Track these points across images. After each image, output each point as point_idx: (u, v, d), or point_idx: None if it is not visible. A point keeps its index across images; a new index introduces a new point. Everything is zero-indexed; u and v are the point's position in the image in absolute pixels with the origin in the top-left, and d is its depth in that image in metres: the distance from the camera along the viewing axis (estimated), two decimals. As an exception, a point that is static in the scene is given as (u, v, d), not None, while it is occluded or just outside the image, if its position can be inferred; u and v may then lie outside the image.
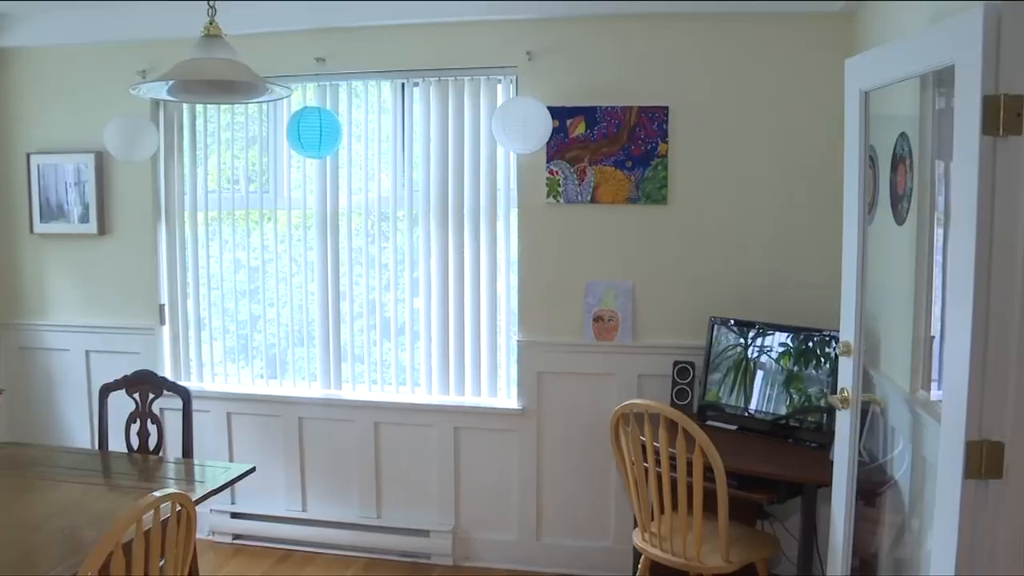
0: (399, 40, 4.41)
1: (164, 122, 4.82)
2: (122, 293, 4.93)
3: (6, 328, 5.16)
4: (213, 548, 4.79)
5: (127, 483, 3.38)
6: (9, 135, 5.05)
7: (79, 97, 4.90)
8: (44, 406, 5.12)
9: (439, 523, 4.57)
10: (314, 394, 4.71)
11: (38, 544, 2.73)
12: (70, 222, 4.98)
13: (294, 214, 4.73)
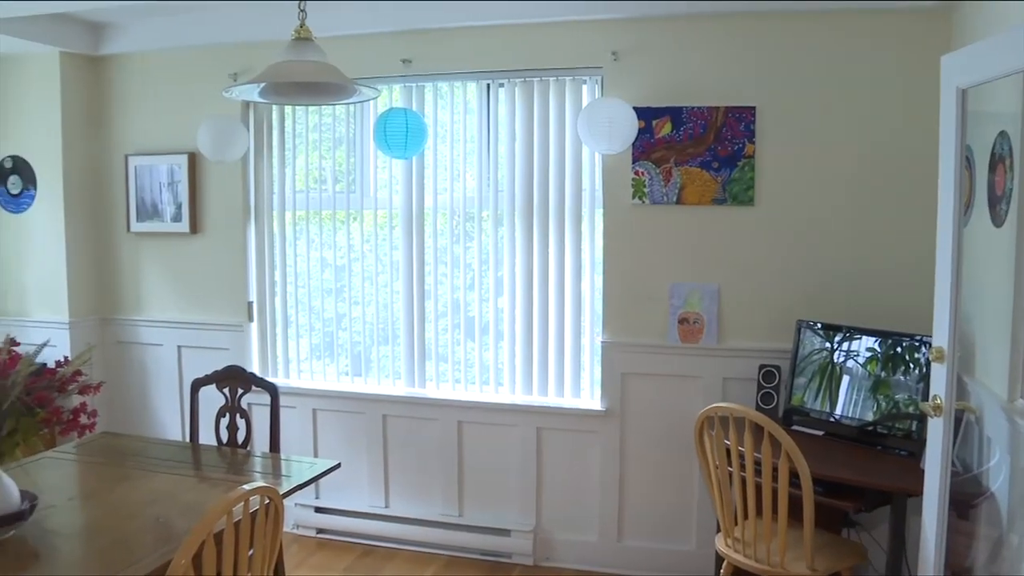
0: (484, 41, 4.46)
1: (254, 123, 4.96)
2: (212, 290, 5.10)
3: (105, 323, 5.37)
4: (297, 542, 4.89)
5: (216, 475, 3.48)
6: (110, 138, 5.29)
7: (173, 100, 5.11)
8: (139, 399, 5.32)
9: (520, 523, 4.59)
10: (398, 392, 4.79)
11: (134, 531, 2.84)
12: (164, 221, 5.16)
13: (380, 214, 4.82)
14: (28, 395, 2.67)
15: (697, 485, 4.36)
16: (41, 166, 5.21)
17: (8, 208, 5.32)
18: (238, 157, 4.80)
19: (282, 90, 3.17)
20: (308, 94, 3.21)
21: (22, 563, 2.57)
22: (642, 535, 4.50)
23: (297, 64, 2.95)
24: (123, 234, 5.32)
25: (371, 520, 4.87)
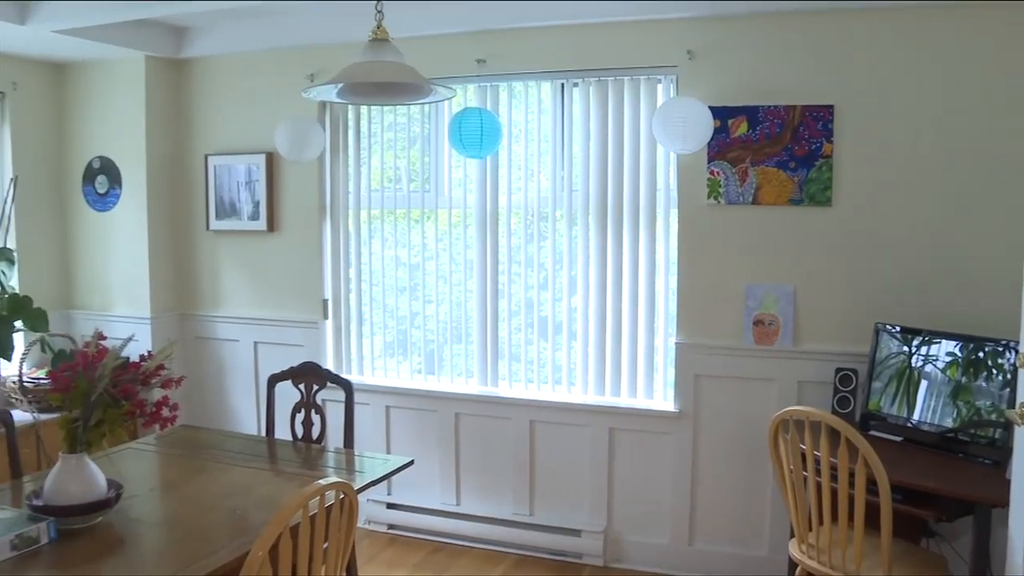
0: (559, 41, 4.49)
1: (330, 123, 5.08)
2: (288, 288, 5.22)
3: (185, 318, 5.53)
4: (368, 537, 4.97)
5: (291, 470, 3.57)
6: (191, 138, 5.48)
7: (252, 101, 5.29)
8: (216, 393, 5.47)
9: (591, 523, 4.60)
10: (471, 390, 4.86)
11: (211, 522, 2.95)
12: (241, 219, 5.30)
13: (454, 213, 4.89)
14: (114, 387, 2.78)
15: (771, 489, 4.33)
16: (126, 166, 5.40)
17: (95, 207, 5.52)
18: (314, 157, 4.90)
19: (360, 90, 3.24)
20: (385, 94, 3.27)
21: (109, 548, 2.71)
22: (714, 538, 4.48)
23: (375, 64, 3.00)
24: (202, 232, 5.48)
25: (442, 517, 4.95)
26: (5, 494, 3.15)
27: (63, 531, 2.71)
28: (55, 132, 5.59)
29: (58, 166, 5.62)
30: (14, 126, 5.30)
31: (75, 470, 2.78)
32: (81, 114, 5.54)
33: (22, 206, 5.33)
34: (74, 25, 4.46)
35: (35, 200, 5.46)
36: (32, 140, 5.43)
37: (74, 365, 2.79)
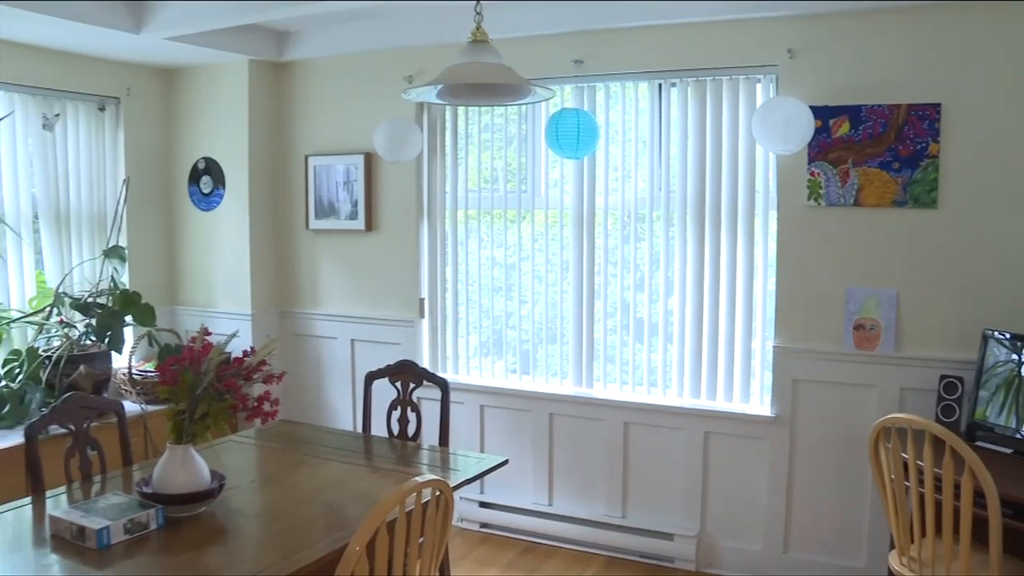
0: (656, 41, 4.51)
1: (428, 124, 5.19)
2: (386, 287, 5.37)
3: (284, 316, 5.71)
4: (461, 535, 5.04)
5: (387, 466, 3.65)
6: (292, 139, 5.68)
7: (351, 102, 5.48)
8: (313, 389, 5.63)
9: (683, 527, 4.60)
10: (565, 391, 4.92)
11: (309, 516, 3.07)
12: (340, 219, 5.44)
13: (550, 213, 4.93)
14: (219, 382, 2.89)
15: (870, 499, 4.28)
16: (229, 167, 5.63)
17: (200, 206, 5.73)
18: (412, 157, 5.01)
19: (459, 91, 3.30)
20: (484, 95, 3.33)
21: (212, 537, 2.86)
22: (809, 547, 4.44)
23: (475, 66, 3.06)
24: (302, 231, 5.65)
25: (534, 517, 5.03)
26: (117, 481, 3.34)
27: (170, 518, 2.86)
28: (164, 134, 5.87)
29: (166, 167, 5.89)
30: (127, 129, 5.59)
31: (181, 460, 2.91)
32: (188, 117, 5.79)
33: (133, 206, 5.60)
34: (184, 32, 4.69)
35: (145, 200, 5.73)
36: (143, 142, 5.72)
37: (181, 359, 2.92)
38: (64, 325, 4.97)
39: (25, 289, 5.11)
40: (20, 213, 5.05)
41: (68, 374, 4.77)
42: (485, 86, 3.24)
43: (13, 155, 4.99)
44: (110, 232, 5.47)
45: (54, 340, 4.98)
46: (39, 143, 5.14)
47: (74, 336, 4.96)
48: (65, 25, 4.40)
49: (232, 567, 2.63)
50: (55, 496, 3.16)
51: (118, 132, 5.58)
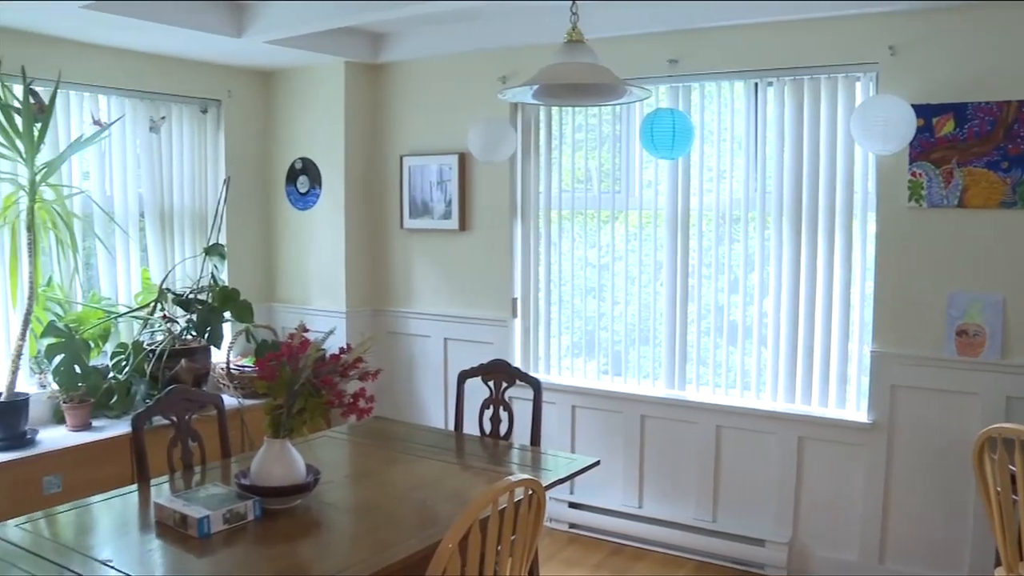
0: (752, 39, 4.49)
1: (522, 124, 5.19)
2: (479, 286, 5.45)
3: (378, 314, 5.85)
4: (549, 535, 5.08)
5: (478, 464, 3.70)
6: (388, 140, 5.84)
7: (445, 103, 5.60)
8: (405, 386, 5.76)
9: (775, 534, 4.56)
10: (657, 393, 4.94)
11: (401, 512, 3.16)
12: (434, 218, 5.52)
13: (644, 214, 4.93)
14: (316, 378, 2.97)
15: (973, 511, 4.18)
16: (325, 167, 5.78)
17: (297, 205, 5.89)
18: (506, 157, 5.08)
19: (555, 92, 3.34)
20: (580, 95, 3.37)
21: (306, 530, 2.98)
22: (907, 559, 4.36)
23: (571, 66, 3.09)
24: (396, 230, 5.77)
25: (623, 519, 5.08)
26: (216, 472, 3.48)
27: (266, 510, 2.98)
28: (262, 135, 6.07)
29: (264, 167, 6.09)
30: (228, 131, 5.81)
31: (278, 454, 3.01)
32: (286, 118, 5.96)
33: (232, 205, 5.81)
34: (283, 35, 4.87)
35: (244, 199, 5.93)
36: (242, 143, 5.93)
37: (279, 355, 3.00)
38: (167, 320, 5.17)
39: (131, 285, 5.35)
40: (128, 212, 5.29)
41: (170, 367, 4.96)
42: (581, 86, 3.27)
43: (123, 156, 5.25)
44: (211, 230, 5.66)
45: (157, 334, 5.18)
46: (146, 145, 5.38)
47: (176, 331, 5.16)
48: (171, 32, 4.64)
49: (325, 560, 2.72)
50: (158, 484, 3.32)
51: (219, 133, 5.80)
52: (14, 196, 4.51)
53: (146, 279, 5.44)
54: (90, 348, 4.86)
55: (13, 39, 4.57)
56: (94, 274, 5.23)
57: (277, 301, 6.16)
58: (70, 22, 4.46)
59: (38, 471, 4.28)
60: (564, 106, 4.87)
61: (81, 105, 5.04)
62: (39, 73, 4.54)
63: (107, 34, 4.76)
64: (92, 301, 5.11)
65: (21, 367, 4.53)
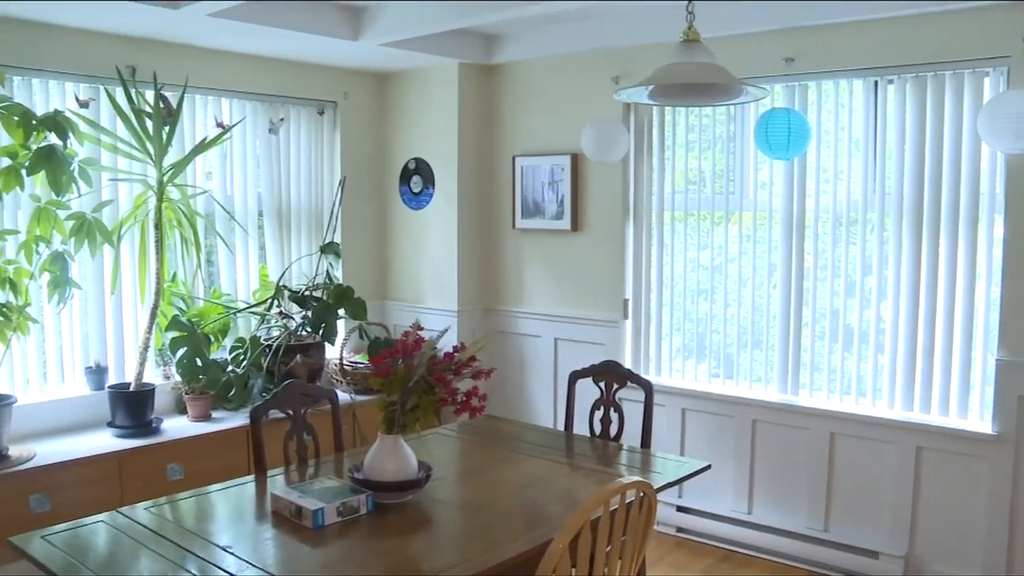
0: (872, 36, 4.41)
1: (635, 125, 5.18)
2: (590, 287, 5.49)
3: (489, 313, 5.93)
4: (657, 538, 5.09)
5: (588, 465, 3.72)
6: (501, 140, 5.94)
7: (558, 103, 5.67)
8: (515, 385, 5.82)
9: (890, 546, 4.47)
10: (769, 398, 4.89)
11: (510, 511, 3.21)
12: (545, 219, 5.55)
13: (758, 215, 4.86)
14: (430, 375, 3.01)
15: (1109, 529, 3.96)
16: (439, 167, 5.90)
17: (410, 205, 6.00)
18: (619, 158, 5.09)
19: (670, 92, 3.33)
20: (695, 95, 3.36)
21: (418, 525, 3.06)
22: (1036, 575, 4.16)
23: (688, 66, 3.09)
24: (508, 230, 5.84)
25: (732, 525, 5.06)
26: (329, 465, 3.59)
27: (379, 504, 3.06)
28: (377, 136, 6.23)
29: (379, 167, 6.23)
30: (343, 131, 5.97)
31: (391, 450, 3.08)
32: (400, 119, 6.09)
33: (347, 204, 5.98)
34: (398, 38, 5.01)
35: (358, 199, 6.09)
36: (357, 144, 6.08)
37: (394, 353, 3.06)
38: (283, 316, 5.34)
39: (250, 281, 5.56)
40: (247, 211, 5.50)
41: (285, 362, 5.12)
42: (697, 86, 3.26)
43: (243, 157, 5.47)
44: (326, 229, 5.82)
45: (274, 330, 5.36)
46: (265, 146, 5.58)
47: (292, 327, 5.32)
48: (291, 36, 4.83)
49: (436, 556, 2.78)
50: (273, 476, 3.43)
51: (335, 134, 5.96)
52: (144, 196, 4.76)
53: (264, 276, 5.63)
54: (210, 342, 5.08)
55: (146, 48, 4.88)
56: (215, 271, 5.46)
57: (390, 299, 6.30)
58: (199, 30, 4.71)
59: (163, 458, 4.53)
60: (680, 106, 4.85)
61: (205, 108, 5.28)
62: (168, 79, 4.82)
63: (231, 40, 5.00)
64: (213, 297, 5.33)
65: (148, 359, 4.76)
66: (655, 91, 3.30)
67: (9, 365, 4.47)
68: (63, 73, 4.64)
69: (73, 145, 4.31)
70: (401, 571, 2.63)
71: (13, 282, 4.19)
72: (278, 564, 2.67)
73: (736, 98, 3.41)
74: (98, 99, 4.76)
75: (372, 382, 3.15)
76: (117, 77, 4.65)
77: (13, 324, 4.17)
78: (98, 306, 4.91)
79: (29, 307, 4.29)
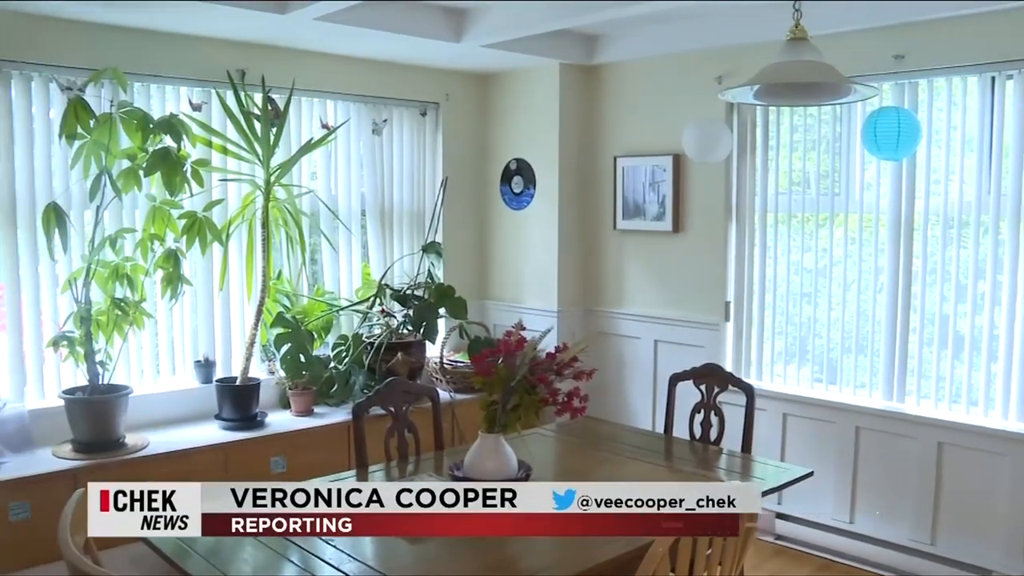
0: (989, 29, 4.28)
1: (738, 125, 5.12)
2: (691, 289, 5.49)
3: (589, 313, 6.00)
4: (755, 544, 4.93)
5: (688, 469, 3.71)
6: (602, 141, 5.97)
7: (659, 103, 5.65)
8: (614, 387, 5.84)
9: (1005, 564, 4.36)
10: (873, 404, 4.77)
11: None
12: (646, 219, 5.53)
13: (865, 217, 4.75)
14: (531, 375, 3.02)
15: None
16: (539, 167, 5.95)
17: (511, 205, 6.05)
18: (722, 159, 5.04)
19: (777, 91, 3.30)
20: (803, 95, 3.32)
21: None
22: None
23: (795, 64, 3.03)
24: (609, 231, 5.85)
25: (833, 534, 4.96)
26: (429, 463, 3.67)
27: None
28: (478, 137, 6.31)
29: (480, 168, 6.31)
30: (445, 132, 6.08)
31: (492, 448, 3.11)
32: (500, 119, 6.15)
33: (449, 204, 6.08)
34: (500, 39, 5.07)
35: (459, 199, 6.17)
36: (459, 144, 6.18)
37: (496, 352, 3.08)
38: (385, 314, 5.43)
39: (352, 280, 5.66)
40: (351, 210, 5.60)
41: (387, 360, 5.22)
42: (804, 85, 3.20)
43: (347, 158, 5.60)
44: (428, 229, 5.88)
45: (375, 328, 5.46)
46: (368, 147, 5.70)
47: (393, 325, 5.40)
48: (394, 38, 4.94)
49: (535, 556, 2.80)
50: (374, 471, 3.48)
51: (437, 135, 6.06)
52: (251, 195, 4.90)
53: (366, 275, 5.73)
54: (313, 339, 5.21)
55: (255, 52, 5.05)
56: (319, 269, 5.59)
57: (489, 298, 6.35)
58: (305, 33, 4.85)
59: (266, 451, 4.68)
60: (787, 106, 4.75)
61: (311, 110, 5.41)
62: (276, 82, 4.97)
63: (336, 43, 5.12)
64: (317, 294, 5.46)
65: (253, 354, 4.90)
66: (761, 91, 3.26)
67: (125, 357, 4.68)
68: (178, 78, 4.86)
69: (186, 147, 4.50)
70: (498, 570, 2.66)
71: (130, 278, 4.39)
72: (377, 558, 2.74)
73: (844, 97, 3.34)
74: (210, 102, 4.96)
75: (474, 381, 3.19)
76: (228, 81, 4.84)
77: (130, 318, 4.37)
78: (207, 302, 5.10)
79: (144, 302, 4.48)
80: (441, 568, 2.65)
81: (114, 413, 4.33)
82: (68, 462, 4.14)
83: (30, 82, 4.42)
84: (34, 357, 4.55)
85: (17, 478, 3.97)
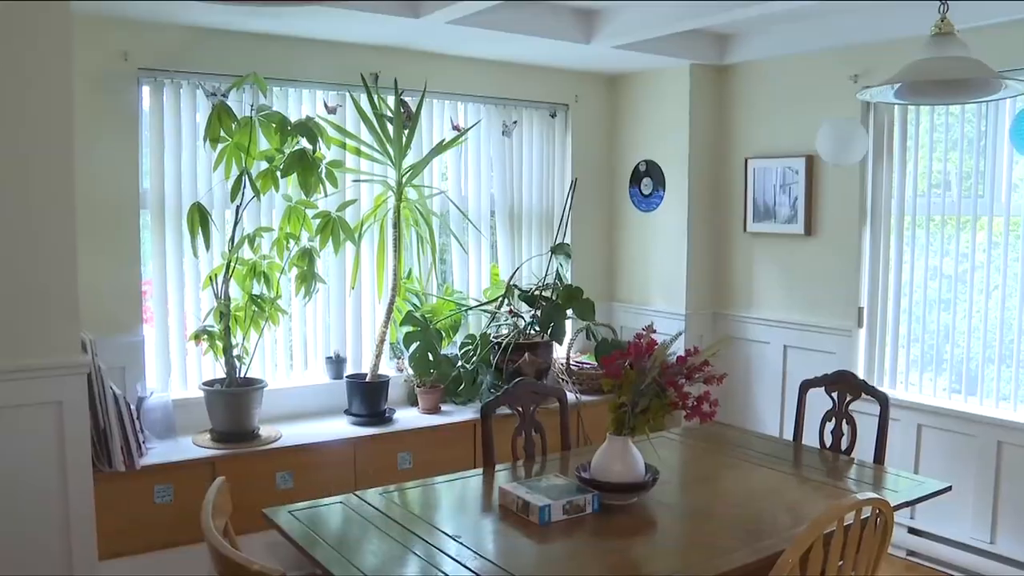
0: None
1: (874, 125, 4.99)
2: (823, 293, 5.35)
3: (717, 317, 5.95)
4: (886, 560, 4.77)
5: (817, 478, 3.63)
6: (732, 142, 5.90)
7: (792, 104, 5.54)
8: (741, 392, 5.77)
9: None
10: (1018, 418, 4.55)
11: (735, 520, 3.11)
12: (777, 222, 5.44)
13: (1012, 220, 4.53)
14: (661, 378, 3.01)
15: None
16: (669, 169, 5.91)
17: (640, 207, 6.03)
18: (857, 160, 4.90)
19: (921, 89, 3.18)
20: (949, 93, 3.20)
21: (641, 528, 3.06)
22: None
23: (941, 61, 2.91)
24: (739, 234, 5.76)
25: (971, 554, 4.74)
26: (555, 463, 3.69)
27: (604, 504, 3.11)
28: (607, 138, 6.30)
29: (609, 169, 6.30)
30: (575, 134, 6.10)
31: (619, 451, 3.11)
32: (630, 121, 6.12)
33: (578, 205, 6.10)
34: (630, 40, 5.05)
35: (588, 200, 6.17)
36: (588, 146, 6.19)
37: (626, 354, 3.08)
38: (512, 315, 5.48)
39: (481, 280, 5.73)
40: (480, 211, 5.67)
41: (514, 360, 5.26)
42: (950, 83, 3.08)
43: (477, 159, 5.68)
44: (556, 230, 5.91)
45: (503, 328, 5.51)
46: (499, 148, 5.76)
47: (521, 325, 5.45)
48: (524, 40, 4.97)
49: (658, 560, 2.79)
50: (500, 471, 3.52)
51: (566, 137, 6.07)
52: (383, 196, 5.01)
53: (495, 275, 5.80)
54: (442, 338, 5.29)
55: (388, 55, 5.17)
56: (448, 269, 5.68)
57: (617, 300, 6.34)
58: (439, 37, 4.93)
59: (394, 447, 4.79)
60: (931, 104, 4.55)
61: (442, 112, 5.51)
62: (408, 84, 5.07)
63: (468, 45, 5.19)
64: (446, 294, 5.55)
65: (383, 352, 5.01)
66: (903, 89, 3.14)
67: (261, 352, 4.85)
68: (314, 82, 5.02)
69: (321, 149, 4.64)
70: (623, 572, 2.65)
71: (267, 276, 4.56)
72: (501, 556, 2.76)
73: (994, 94, 3.19)
74: (344, 105, 5.10)
75: (603, 383, 3.19)
76: (362, 84, 4.96)
77: (266, 314, 4.53)
78: (339, 300, 5.24)
79: (279, 299, 4.63)
80: (564, 568, 2.66)
81: (250, 405, 4.51)
82: (207, 450, 4.35)
83: (179, 89, 4.65)
84: (178, 350, 4.79)
85: (162, 463, 4.20)
